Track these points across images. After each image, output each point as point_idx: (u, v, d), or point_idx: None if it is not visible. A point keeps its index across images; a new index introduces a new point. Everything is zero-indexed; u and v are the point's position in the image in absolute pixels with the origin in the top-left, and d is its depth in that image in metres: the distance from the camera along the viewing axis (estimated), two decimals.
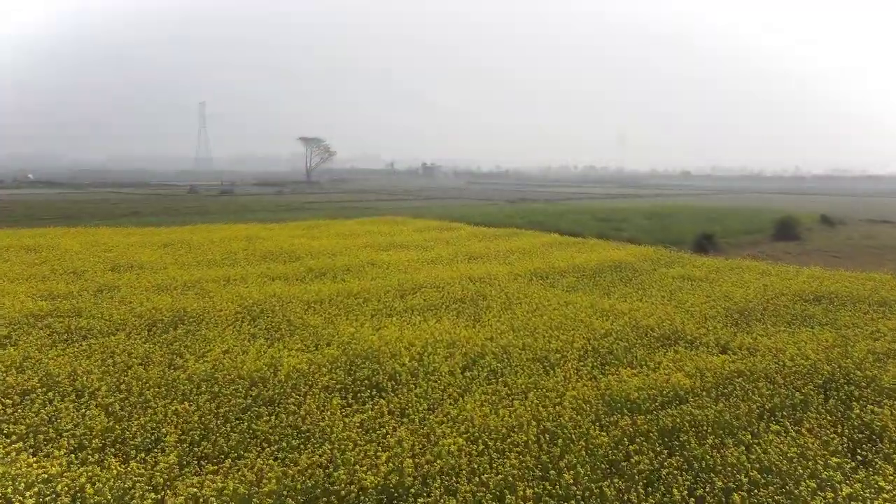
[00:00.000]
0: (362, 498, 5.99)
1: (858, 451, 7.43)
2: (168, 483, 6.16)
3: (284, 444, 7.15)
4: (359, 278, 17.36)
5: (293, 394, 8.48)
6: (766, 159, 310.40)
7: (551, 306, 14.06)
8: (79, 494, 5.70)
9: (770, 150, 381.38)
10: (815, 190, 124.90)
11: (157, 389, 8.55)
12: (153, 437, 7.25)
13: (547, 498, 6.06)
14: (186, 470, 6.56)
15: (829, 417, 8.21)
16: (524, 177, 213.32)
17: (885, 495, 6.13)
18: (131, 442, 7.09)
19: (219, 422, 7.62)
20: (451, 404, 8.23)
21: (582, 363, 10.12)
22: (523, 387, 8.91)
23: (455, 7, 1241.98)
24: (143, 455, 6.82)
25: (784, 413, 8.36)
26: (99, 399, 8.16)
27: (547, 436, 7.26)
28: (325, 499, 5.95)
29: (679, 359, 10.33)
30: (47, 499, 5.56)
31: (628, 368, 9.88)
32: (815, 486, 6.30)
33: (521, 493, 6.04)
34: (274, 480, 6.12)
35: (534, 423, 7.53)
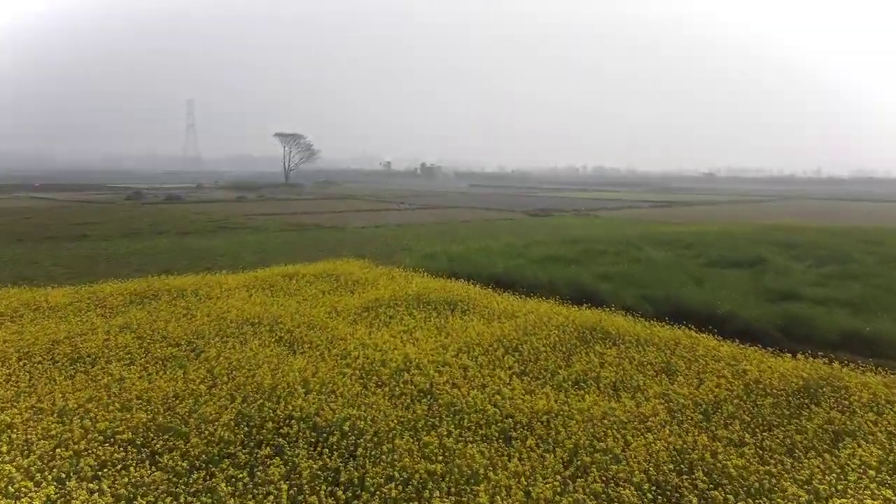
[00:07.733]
0: None
1: None
2: None
3: None
4: None
5: None
6: (782, 160, 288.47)
7: None
8: None
9: (784, 151, 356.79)
10: (889, 196, 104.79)
11: None
12: None
13: None
14: None
15: None
16: (530, 178, 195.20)
17: None
18: None
19: None
20: None
21: None
22: None
23: (459, 9, 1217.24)
24: None
25: None
26: None
27: None
28: None
29: None
30: None
31: None
32: None
33: None
34: None
35: None
